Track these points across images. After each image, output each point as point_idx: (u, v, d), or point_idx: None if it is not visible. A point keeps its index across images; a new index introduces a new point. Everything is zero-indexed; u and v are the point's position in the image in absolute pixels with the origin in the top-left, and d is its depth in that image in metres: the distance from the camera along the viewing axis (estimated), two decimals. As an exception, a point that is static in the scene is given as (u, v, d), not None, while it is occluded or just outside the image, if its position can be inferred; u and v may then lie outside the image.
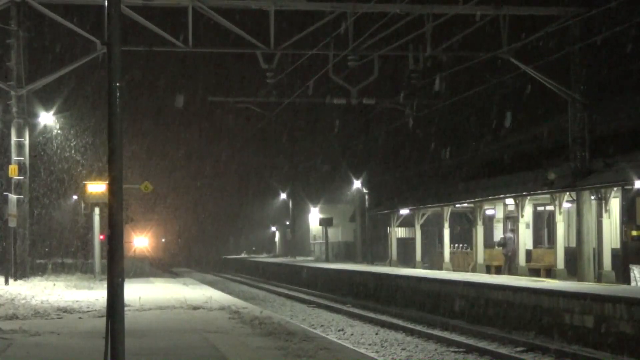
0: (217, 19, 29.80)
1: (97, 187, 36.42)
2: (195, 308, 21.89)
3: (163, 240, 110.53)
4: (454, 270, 39.29)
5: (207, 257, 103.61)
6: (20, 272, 33.34)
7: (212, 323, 18.04)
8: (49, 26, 38.84)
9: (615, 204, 29.97)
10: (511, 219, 36.71)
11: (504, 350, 20.38)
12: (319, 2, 30.53)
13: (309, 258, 69.41)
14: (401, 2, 29.44)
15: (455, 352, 20.54)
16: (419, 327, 25.36)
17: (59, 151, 46.99)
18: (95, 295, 26.11)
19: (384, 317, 28.89)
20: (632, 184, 26.66)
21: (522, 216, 34.23)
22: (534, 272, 33.65)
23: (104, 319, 9.51)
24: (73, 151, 47.82)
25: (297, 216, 77.38)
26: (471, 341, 22.13)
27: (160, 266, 77.44)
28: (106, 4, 9.47)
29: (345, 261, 57.92)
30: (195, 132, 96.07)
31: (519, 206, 34.19)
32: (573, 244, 32.24)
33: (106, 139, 9.71)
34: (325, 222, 60.25)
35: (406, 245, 50.22)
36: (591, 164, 30.16)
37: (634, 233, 28.16)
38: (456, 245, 43.34)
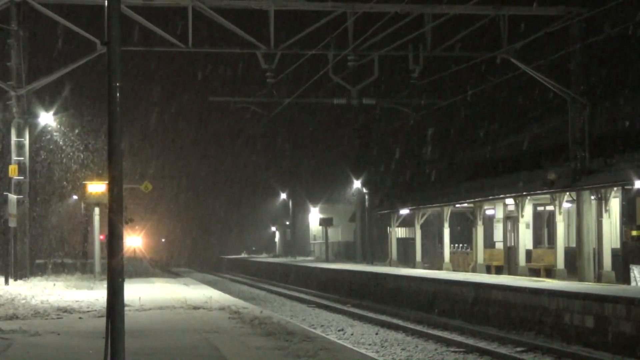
0: (217, 19, 29.79)
1: (97, 187, 36.42)
2: (196, 308, 21.89)
3: (163, 240, 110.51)
4: (454, 270, 39.29)
5: (207, 257, 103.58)
6: (20, 272, 33.33)
7: (212, 323, 18.04)
8: (49, 26, 38.84)
9: (615, 204, 29.97)
10: (511, 219, 36.71)
11: (504, 350, 20.37)
12: (319, 2, 30.53)
13: (309, 258, 69.40)
14: (401, 2, 29.44)
15: (455, 352, 20.54)
16: (419, 327, 25.36)
17: (59, 151, 47.00)
18: (95, 295, 26.11)
19: (384, 317, 28.89)
20: (632, 184, 26.65)
21: (522, 216, 34.23)
22: (534, 272, 33.65)
23: (104, 319, 9.51)
24: (76, 153, 47.85)
25: (297, 216, 77.38)
26: (471, 341, 22.13)
27: (159, 266, 77.41)
28: (106, 4, 9.46)
29: (345, 261, 57.91)
30: (195, 132, 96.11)
31: (519, 206, 34.19)
32: (573, 244, 32.24)
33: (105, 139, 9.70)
34: (325, 222, 60.25)
35: (406, 245, 50.21)
36: (591, 164, 30.17)
37: (634, 233, 28.15)
38: (456, 245, 43.33)
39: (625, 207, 29.50)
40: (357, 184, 56.75)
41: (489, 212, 39.96)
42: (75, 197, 52.34)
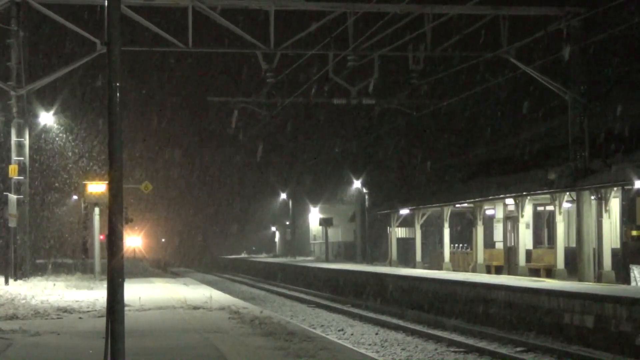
0: (217, 19, 29.80)
1: (97, 187, 36.42)
2: (195, 308, 21.88)
3: (163, 240, 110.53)
4: (454, 270, 39.29)
5: (207, 257, 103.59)
6: (20, 272, 33.32)
7: (212, 323, 18.04)
8: (49, 26, 38.84)
9: (615, 204, 29.97)
10: (511, 219, 36.71)
11: (504, 350, 20.37)
12: (319, 2, 30.53)
13: (309, 258, 69.40)
14: (401, 2, 29.44)
15: (455, 352, 20.53)
16: (419, 327, 25.36)
17: (58, 151, 46.99)
18: (95, 295, 26.10)
19: (384, 317, 28.89)
20: (632, 184, 26.66)
21: (522, 216, 34.22)
22: (534, 272, 33.64)
23: (104, 319, 9.51)
24: (72, 152, 47.84)
25: (297, 216, 77.38)
26: (471, 341, 22.13)
27: (159, 266, 77.36)
28: (106, 4, 9.46)
29: (345, 261, 57.91)
30: (195, 132, 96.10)
31: (519, 206, 34.18)
32: (573, 244, 32.24)
33: (105, 139, 9.70)
34: (325, 222, 60.25)
35: (406, 245, 50.21)
36: (591, 164, 30.17)
37: (634, 233, 28.15)
38: (456, 245, 43.33)
39: (625, 207, 29.50)
40: (357, 184, 56.74)
41: (489, 212, 39.96)
42: (75, 197, 52.33)
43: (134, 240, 69.03)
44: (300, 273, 51.88)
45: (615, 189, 28.51)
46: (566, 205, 32.57)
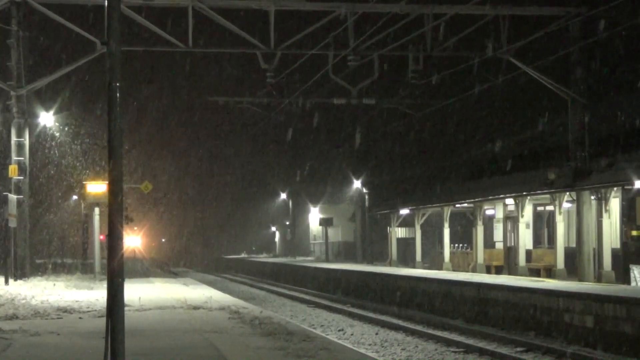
0: (217, 19, 29.81)
1: (97, 187, 36.44)
2: (195, 308, 21.88)
3: (163, 240, 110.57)
4: (454, 270, 39.29)
5: (207, 257, 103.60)
6: (20, 272, 33.32)
7: (212, 323, 18.03)
8: (49, 26, 38.84)
9: (615, 204, 29.98)
10: (511, 219, 36.72)
11: (504, 350, 20.37)
12: (319, 2, 30.55)
13: (309, 258, 69.39)
14: (401, 2, 29.46)
15: (455, 352, 20.53)
16: (419, 327, 25.36)
17: (58, 151, 47.00)
18: (95, 295, 26.10)
19: (384, 317, 28.89)
20: (632, 184, 26.66)
21: (522, 216, 34.23)
22: (534, 272, 33.66)
23: (104, 319, 9.50)
24: (74, 152, 47.86)
25: (297, 216, 77.38)
26: (471, 341, 22.13)
27: (159, 266, 77.39)
28: (106, 4, 9.46)
29: (345, 261, 57.91)
30: (195, 132, 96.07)
31: (519, 206, 34.19)
32: (573, 244, 32.25)
33: (106, 139, 9.70)
34: (325, 222, 60.24)
35: (406, 245, 50.23)
36: (591, 164, 30.18)
37: (634, 233, 28.16)
38: (456, 245, 43.33)
39: (625, 207, 29.50)
40: (357, 184, 56.75)
41: (489, 212, 39.97)
42: (75, 197, 52.35)
43: (134, 240, 68.98)
44: (300, 273, 51.88)
45: (615, 189, 28.52)
46: (566, 205, 32.58)
